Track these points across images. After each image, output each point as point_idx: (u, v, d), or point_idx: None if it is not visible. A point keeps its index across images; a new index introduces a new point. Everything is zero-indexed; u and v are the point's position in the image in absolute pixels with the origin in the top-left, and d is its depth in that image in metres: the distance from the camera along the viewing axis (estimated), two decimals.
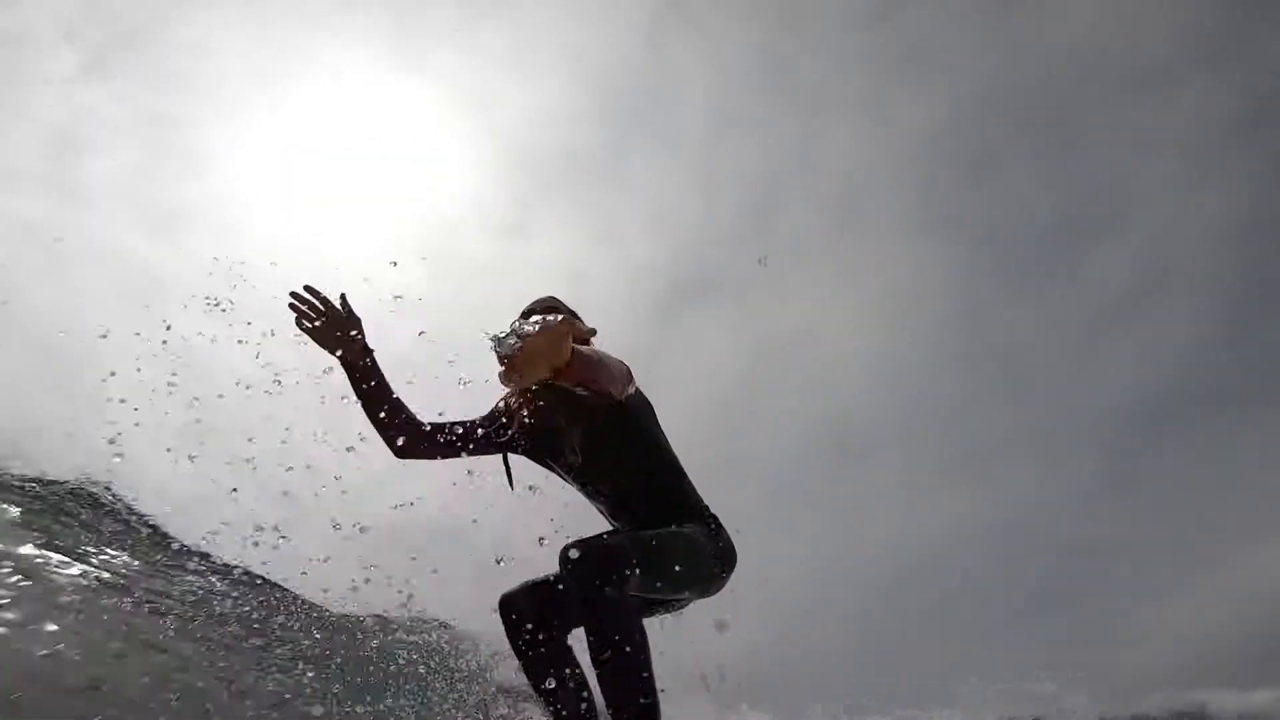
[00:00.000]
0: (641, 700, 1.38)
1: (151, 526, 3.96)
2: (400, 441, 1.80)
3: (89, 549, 3.18)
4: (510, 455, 1.87)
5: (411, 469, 1.87)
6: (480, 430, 1.83)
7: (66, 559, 2.86)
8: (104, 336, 2.58)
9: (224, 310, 2.13)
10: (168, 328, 2.26)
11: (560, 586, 1.67)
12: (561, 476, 1.86)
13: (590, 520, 1.86)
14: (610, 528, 1.83)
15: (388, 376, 1.83)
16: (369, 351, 1.82)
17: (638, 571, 1.48)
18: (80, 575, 2.82)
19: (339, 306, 1.81)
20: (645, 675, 1.42)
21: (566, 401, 1.72)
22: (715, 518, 1.80)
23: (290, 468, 2.19)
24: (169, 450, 2.49)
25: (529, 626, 1.65)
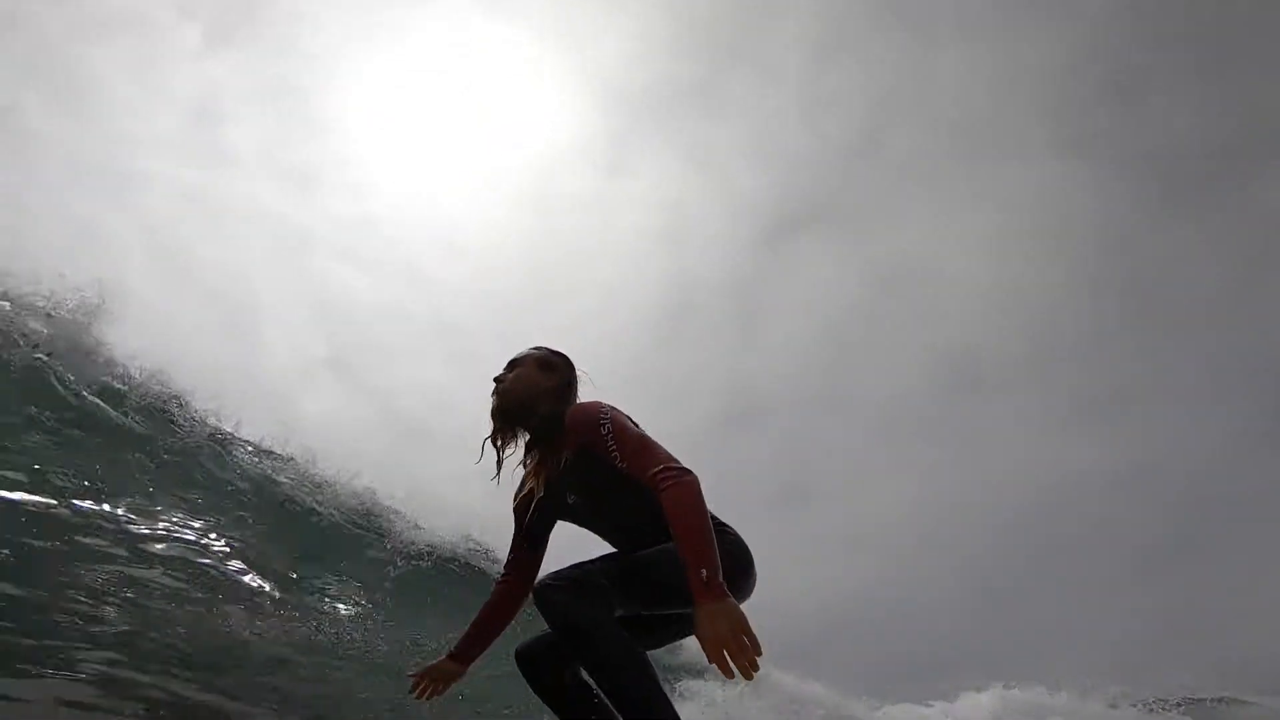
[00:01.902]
0: (647, 711, 1.39)
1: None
2: (523, 597, 1.91)
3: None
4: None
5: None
6: (533, 533, 1.90)
7: None
8: None
9: None
10: None
11: None
12: (576, 523, 1.89)
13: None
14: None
15: (472, 626, 1.94)
16: (465, 657, 1.92)
17: (610, 595, 1.50)
18: None
19: (433, 674, 1.92)
20: (641, 696, 1.41)
21: (544, 445, 1.79)
22: (723, 525, 1.75)
23: None
24: None
25: (543, 672, 1.70)
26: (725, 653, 1.31)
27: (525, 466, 1.86)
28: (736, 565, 1.67)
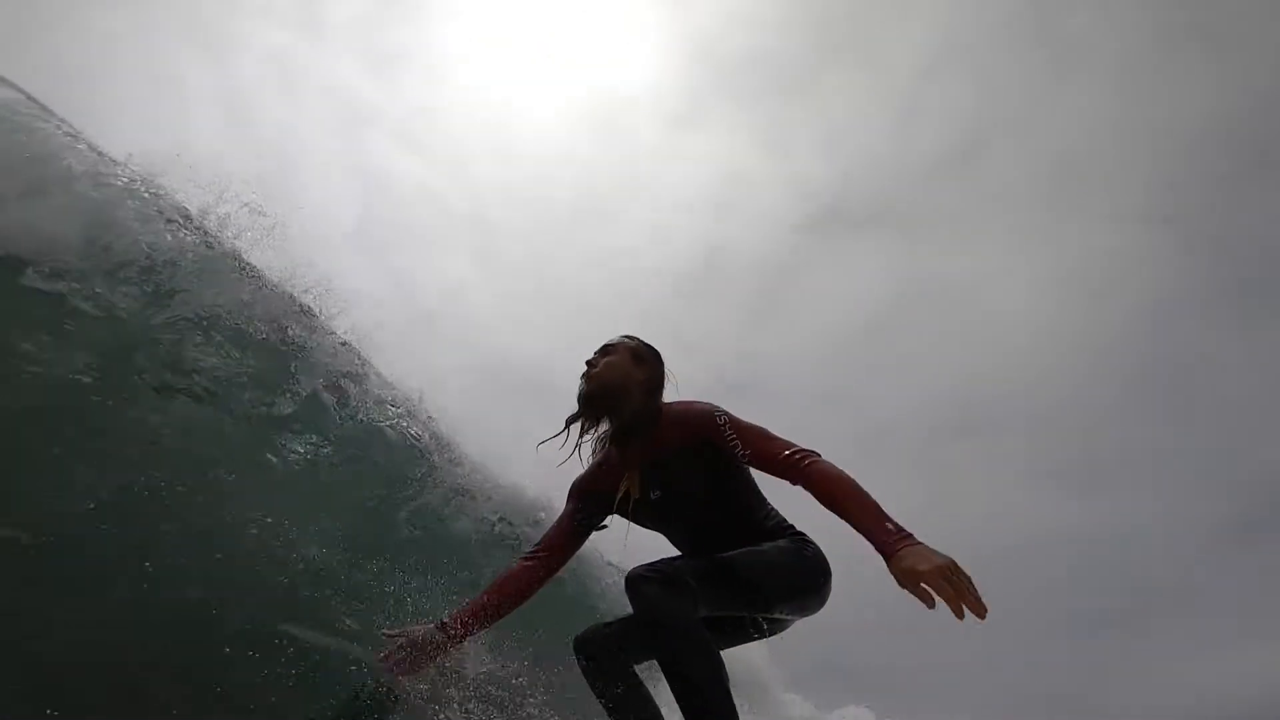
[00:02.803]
0: (713, 713, 1.38)
1: None
2: (547, 581, 1.84)
3: None
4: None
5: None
6: (587, 522, 1.86)
7: None
8: None
9: None
10: None
11: (626, 621, 1.72)
12: (640, 523, 1.84)
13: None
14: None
15: (473, 602, 1.80)
16: (459, 631, 1.75)
17: (698, 595, 1.49)
18: None
19: (414, 643, 1.74)
20: (715, 698, 1.39)
21: (639, 436, 1.76)
22: (801, 534, 1.77)
23: None
24: None
25: (600, 663, 1.71)
26: (948, 583, 1.30)
27: (597, 454, 1.84)
28: (820, 572, 1.72)
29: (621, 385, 1.77)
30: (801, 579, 1.69)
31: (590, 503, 1.85)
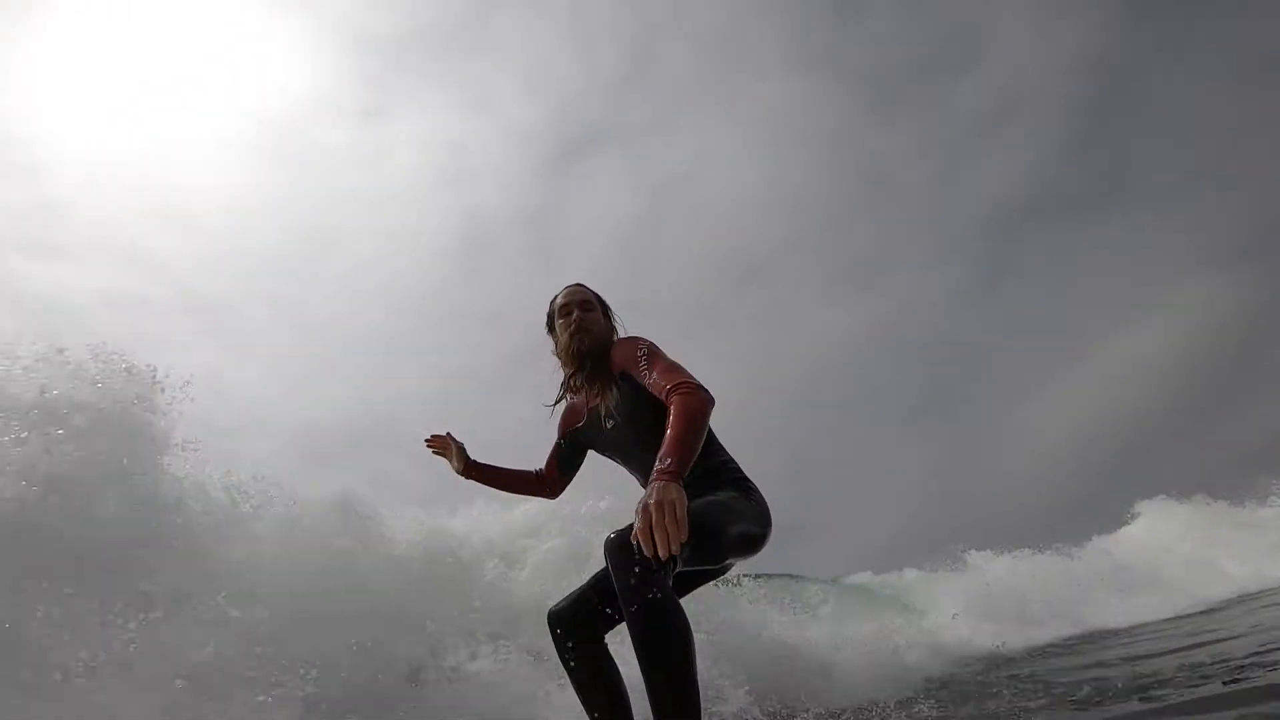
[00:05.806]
0: (679, 691, 1.35)
1: None
2: (543, 495, 2.21)
3: None
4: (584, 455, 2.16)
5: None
6: (565, 458, 2.13)
7: None
8: None
9: None
10: None
11: (599, 584, 1.74)
12: (609, 456, 2.02)
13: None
14: None
15: (495, 464, 2.23)
16: (471, 465, 2.19)
17: (675, 560, 1.45)
18: None
19: (448, 442, 2.23)
20: (683, 679, 1.36)
21: (601, 376, 1.93)
22: (748, 480, 1.85)
23: None
24: None
25: (570, 634, 1.71)
26: (651, 521, 1.33)
27: (570, 399, 2.06)
28: (766, 522, 1.79)
29: (605, 341, 1.97)
30: (751, 531, 1.74)
31: (568, 440, 2.10)
